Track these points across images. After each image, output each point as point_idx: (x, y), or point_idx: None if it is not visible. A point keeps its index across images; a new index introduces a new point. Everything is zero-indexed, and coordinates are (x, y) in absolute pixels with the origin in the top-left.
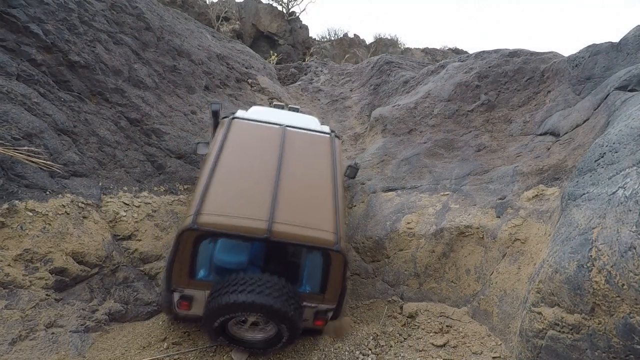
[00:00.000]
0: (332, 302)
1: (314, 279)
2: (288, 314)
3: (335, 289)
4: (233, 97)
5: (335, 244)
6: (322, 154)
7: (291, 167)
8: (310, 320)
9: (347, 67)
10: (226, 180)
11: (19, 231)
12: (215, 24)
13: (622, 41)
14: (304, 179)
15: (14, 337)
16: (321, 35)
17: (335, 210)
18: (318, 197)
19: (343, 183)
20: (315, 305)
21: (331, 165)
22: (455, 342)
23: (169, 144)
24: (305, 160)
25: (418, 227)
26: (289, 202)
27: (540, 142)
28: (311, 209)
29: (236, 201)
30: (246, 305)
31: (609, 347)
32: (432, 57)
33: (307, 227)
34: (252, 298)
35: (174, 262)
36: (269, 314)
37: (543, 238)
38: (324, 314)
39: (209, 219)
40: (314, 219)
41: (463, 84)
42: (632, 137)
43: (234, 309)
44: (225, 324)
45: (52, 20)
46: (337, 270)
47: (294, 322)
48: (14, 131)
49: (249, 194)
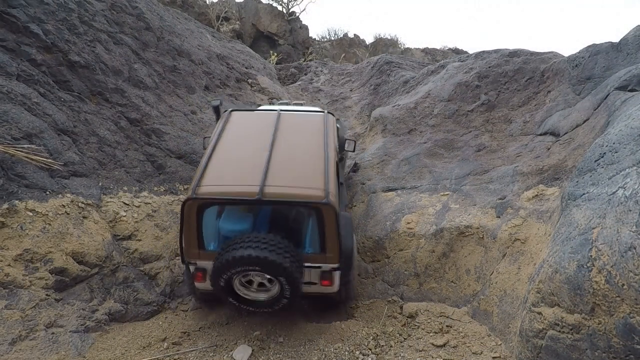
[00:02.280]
0: (335, 261)
1: (314, 239)
2: (282, 265)
3: (333, 247)
4: (233, 97)
5: (324, 198)
6: (314, 128)
7: (284, 142)
8: (318, 282)
9: (347, 67)
10: (223, 158)
11: (19, 231)
12: (215, 24)
13: (622, 41)
14: (295, 150)
15: (14, 337)
16: (321, 35)
17: (324, 172)
18: (308, 163)
19: (335, 151)
20: (319, 266)
21: (322, 136)
22: (455, 342)
23: (169, 144)
24: (297, 135)
25: (418, 227)
26: (280, 169)
27: (540, 142)
28: (301, 172)
29: (232, 173)
30: (244, 259)
31: (609, 347)
32: (432, 57)
33: (297, 186)
34: (248, 252)
35: (182, 235)
36: (265, 266)
37: (543, 238)
38: (330, 274)
39: (206, 189)
40: (303, 180)
41: (463, 84)
42: (632, 137)
43: (233, 264)
44: (230, 283)
45: (52, 20)
46: (331, 226)
47: (290, 274)
48: (14, 131)
49: (244, 166)
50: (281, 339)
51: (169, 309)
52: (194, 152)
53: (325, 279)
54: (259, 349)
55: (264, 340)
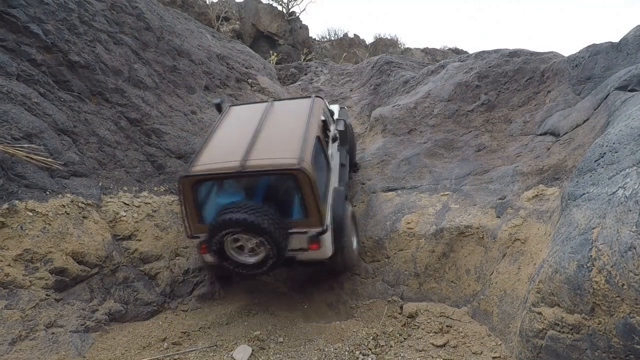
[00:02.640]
0: (317, 225)
1: (297, 206)
2: (261, 225)
3: (313, 211)
4: (233, 97)
5: (297, 164)
6: (300, 111)
7: (270, 124)
8: (306, 246)
9: (347, 67)
10: (216, 144)
11: (19, 231)
12: (215, 24)
13: (622, 41)
14: (279, 130)
15: (14, 337)
16: (321, 35)
17: (301, 143)
18: (287, 138)
19: (319, 126)
20: (305, 231)
21: (306, 116)
22: (455, 342)
23: (169, 144)
24: (283, 118)
25: (418, 227)
26: (262, 145)
27: (540, 142)
28: (280, 146)
29: (221, 154)
30: (228, 222)
31: (609, 347)
32: (432, 57)
33: (274, 157)
34: (230, 216)
35: (184, 211)
36: (246, 226)
37: (543, 238)
38: (316, 238)
39: (197, 168)
40: (280, 151)
41: (463, 84)
42: (632, 137)
43: (220, 226)
44: (223, 247)
45: (52, 20)
46: (307, 191)
47: (269, 233)
48: (14, 131)
49: (232, 147)
50: (281, 339)
51: (169, 309)
52: (194, 152)
53: (312, 243)
54: (259, 349)
55: (264, 340)
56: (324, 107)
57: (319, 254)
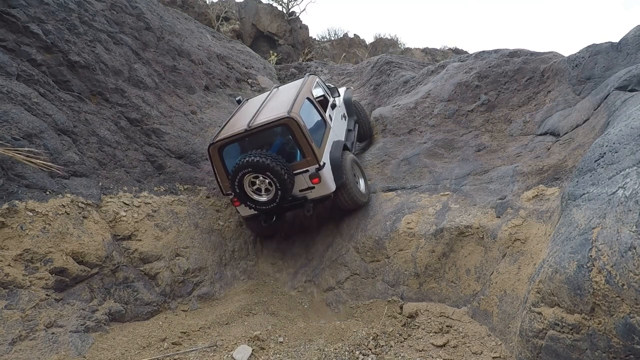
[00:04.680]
0: (314, 162)
1: (295, 150)
2: (265, 162)
3: (309, 150)
4: (233, 97)
5: (286, 114)
6: (296, 85)
7: (273, 100)
8: (309, 182)
9: (347, 67)
10: (233, 121)
11: (19, 231)
12: (215, 24)
13: (622, 41)
14: (278, 101)
15: (14, 337)
16: (321, 35)
17: (292, 103)
18: (283, 102)
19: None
20: (306, 170)
21: (300, 87)
22: (455, 342)
23: (169, 144)
24: (284, 94)
25: (418, 227)
26: (264, 112)
27: (540, 142)
28: (276, 109)
29: (236, 125)
30: (240, 165)
31: (609, 347)
32: (432, 57)
33: (271, 115)
34: (241, 159)
35: (216, 174)
36: (254, 166)
37: (543, 238)
38: (316, 174)
39: (219, 137)
40: (276, 111)
41: (463, 84)
42: (632, 137)
43: (236, 169)
44: (243, 188)
45: (52, 20)
46: (299, 134)
47: (272, 169)
48: (14, 131)
49: (243, 120)
50: (281, 339)
51: (169, 309)
52: (194, 152)
53: (313, 178)
54: (259, 349)
55: (264, 340)
56: (317, 80)
57: (323, 188)
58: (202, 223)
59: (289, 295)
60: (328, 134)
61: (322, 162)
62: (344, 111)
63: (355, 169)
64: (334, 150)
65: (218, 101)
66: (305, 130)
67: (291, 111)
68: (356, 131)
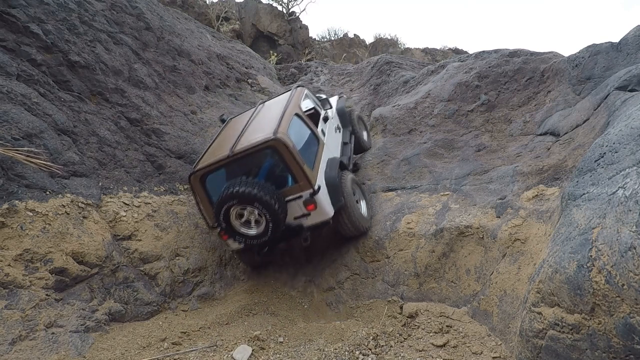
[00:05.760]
0: (307, 187)
1: (288, 176)
2: (251, 193)
3: (300, 174)
4: (233, 97)
5: (272, 136)
6: (282, 100)
7: (258, 119)
8: (304, 209)
9: (347, 67)
10: (215, 145)
11: (19, 231)
12: (215, 24)
13: (622, 41)
14: (263, 120)
15: (14, 337)
16: (321, 35)
17: (278, 122)
18: (268, 122)
19: (298, 107)
20: (300, 196)
21: (287, 102)
22: (455, 342)
23: (169, 144)
24: (269, 111)
25: (418, 227)
26: (248, 134)
27: (540, 142)
28: (261, 129)
29: (217, 151)
30: (225, 197)
31: (609, 347)
32: (432, 57)
33: (255, 138)
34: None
35: (199, 205)
36: (239, 197)
37: (543, 238)
38: (311, 199)
39: (199, 165)
40: (261, 132)
41: (463, 84)
42: (632, 137)
43: (220, 202)
44: (229, 222)
45: (52, 20)
46: (289, 157)
47: (260, 199)
48: (14, 131)
49: (226, 144)
50: (281, 339)
51: (169, 309)
52: (194, 152)
53: (308, 204)
54: (259, 349)
55: (264, 340)
56: (306, 92)
57: (320, 214)
58: (202, 223)
59: (289, 295)
60: (321, 151)
61: (316, 186)
62: (337, 123)
63: (356, 190)
64: (329, 169)
65: (218, 101)
66: (295, 152)
67: (278, 132)
68: (352, 143)
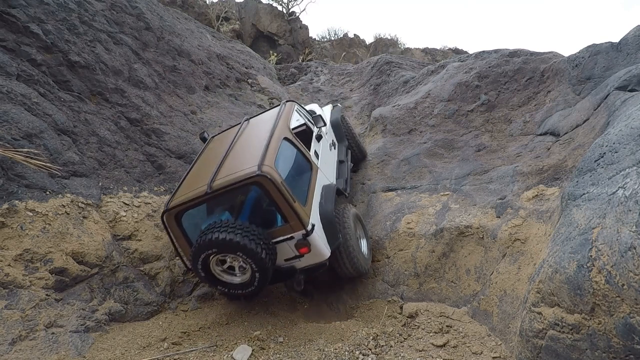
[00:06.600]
0: (299, 227)
1: (276, 214)
2: (233, 240)
3: (290, 213)
4: (233, 97)
5: (257, 170)
6: (268, 120)
7: (240, 143)
8: (296, 251)
9: (347, 67)
10: (193, 177)
11: (19, 231)
12: (215, 24)
13: (622, 41)
14: (246, 145)
15: (14, 337)
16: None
17: (264, 151)
18: (252, 149)
19: (287, 129)
20: (290, 237)
21: (273, 123)
22: (455, 342)
23: (169, 144)
24: (253, 133)
25: (418, 227)
26: (229, 164)
27: (540, 142)
28: (244, 159)
29: (195, 184)
30: (202, 245)
31: (609, 347)
32: (432, 57)
33: (237, 171)
34: (206, 237)
35: (176, 247)
36: (219, 245)
37: (543, 238)
38: (304, 241)
39: (174, 202)
40: (243, 164)
41: (463, 84)
42: (632, 137)
43: (197, 250)
44: (209, 270)
45: (52, 20)
46: (276, 194)
47: (244, 247)
48: (14, 131)
49: (204, 174)
50: (281, 339)
51: (169, 309)
52: (194, 152)
53: (300, 247)
54: (259, 349)
55: (264, 340)
56: (296, 108)
57: (315, 256)
58: None
59: (289, 295)
60: (315, 178)
61: (309, 225)
62: (332, 138)
63: (357, 227)
64: (325, 201)
65: (218, 101)
66: (283, 189)
67: (263, 164)
68: (349, 160)
